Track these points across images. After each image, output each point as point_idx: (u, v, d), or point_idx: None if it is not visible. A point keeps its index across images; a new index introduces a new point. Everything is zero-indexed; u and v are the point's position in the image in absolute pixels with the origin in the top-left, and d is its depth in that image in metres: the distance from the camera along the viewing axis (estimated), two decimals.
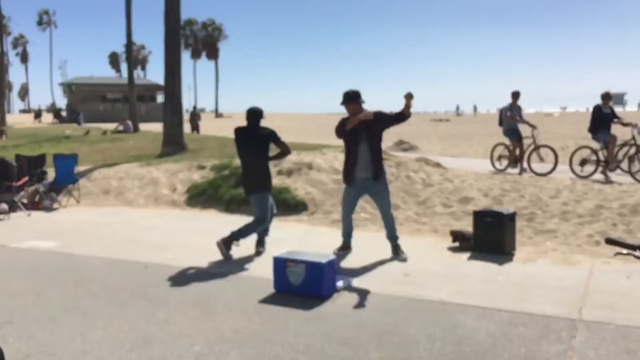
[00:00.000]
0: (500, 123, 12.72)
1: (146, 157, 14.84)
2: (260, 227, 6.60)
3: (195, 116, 28.27)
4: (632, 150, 10.87)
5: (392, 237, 6.34)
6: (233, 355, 3.75)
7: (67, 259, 6.43)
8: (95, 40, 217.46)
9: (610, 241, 2.62)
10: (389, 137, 26.20)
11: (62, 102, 70.04)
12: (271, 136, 6.54)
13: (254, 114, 6.58)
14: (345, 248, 6.52)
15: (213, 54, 76.05)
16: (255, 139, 6.55)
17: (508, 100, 12.57)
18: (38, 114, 52.69)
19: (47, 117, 52.70)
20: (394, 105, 6.28)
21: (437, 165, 11.07)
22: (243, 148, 6.61)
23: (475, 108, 77.09)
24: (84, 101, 49.47)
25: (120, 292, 5.17)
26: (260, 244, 6.70)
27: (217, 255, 6.41)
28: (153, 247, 6.96)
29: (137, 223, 8.57)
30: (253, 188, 6.59)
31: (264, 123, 6.66)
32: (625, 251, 2.54)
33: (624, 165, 11.02)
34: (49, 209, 9.99)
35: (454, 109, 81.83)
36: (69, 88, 52.63)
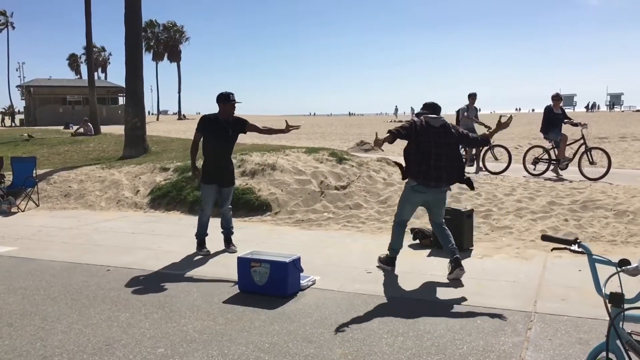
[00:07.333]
0: (457, 123, 13.00)
1: (107, 160, 14.61)
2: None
3: None
4: (582, 149, 11.26)
5: (454, 249, 5.53)
6: (197, 356, 3.76)
7: (25, 264, 6.31)
8: (53, 42, 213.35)
9: (546, 238, 2.71)
10: (351, 138, 26.35)
11: (20, 105, 68.02)
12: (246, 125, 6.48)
13: (233, 102, 6.39)
14: (393, 263, 5.77)
15: (175, 56, 74.88)
16: (235, 127, 6.48)
17: (465, 102, 12.89)
18: None
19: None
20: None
21: (397, 164, 11.23)
22: (218, 138, 6.43)
23: (412, 110, 78.89)
24: (42, 103, 48.27)
25: (81, 296, 5.11)
26: (230, 242, 6.74)
27: (181, 257, 6.40)
28: (115, 250, 6.88)
29: (99, 226, 8.45)
30: (231, 180, 6.67)
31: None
32: (561, 246, 2.63)
33: (574, 163, 11.40)
34: (7, 213, 9.79)
35: (393, 111, 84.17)
36: (27, 90, 51.21)
